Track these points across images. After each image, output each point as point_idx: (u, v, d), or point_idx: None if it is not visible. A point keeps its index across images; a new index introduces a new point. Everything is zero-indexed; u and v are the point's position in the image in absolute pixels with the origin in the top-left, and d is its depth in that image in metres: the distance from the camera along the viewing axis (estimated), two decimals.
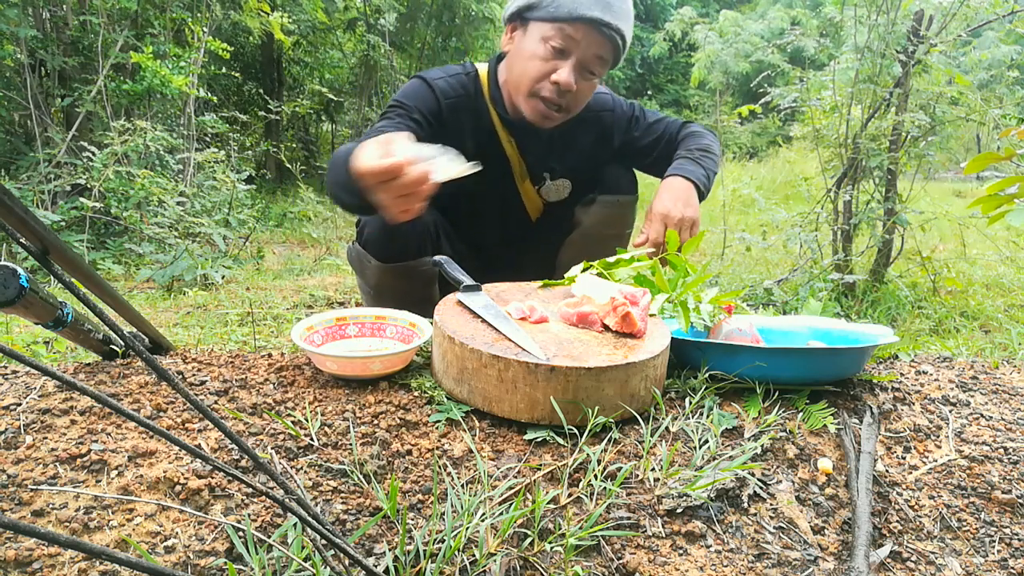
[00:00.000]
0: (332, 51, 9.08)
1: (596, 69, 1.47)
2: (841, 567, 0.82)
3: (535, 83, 1.46)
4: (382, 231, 1.53)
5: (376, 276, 1.59)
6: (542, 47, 1.44)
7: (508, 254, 1.79)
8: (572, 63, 1.43)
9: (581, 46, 1.42)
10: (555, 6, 1.41)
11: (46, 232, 0.72)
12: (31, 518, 0.73)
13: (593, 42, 1.42)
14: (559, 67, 1.43)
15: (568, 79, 1.43)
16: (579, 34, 1.41)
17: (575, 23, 1.40)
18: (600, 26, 1.40)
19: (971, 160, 1.25)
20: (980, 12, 2.94)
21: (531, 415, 0.92)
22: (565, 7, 1.39)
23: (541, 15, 1.43)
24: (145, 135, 4.33)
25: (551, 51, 1.43)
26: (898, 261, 3.24)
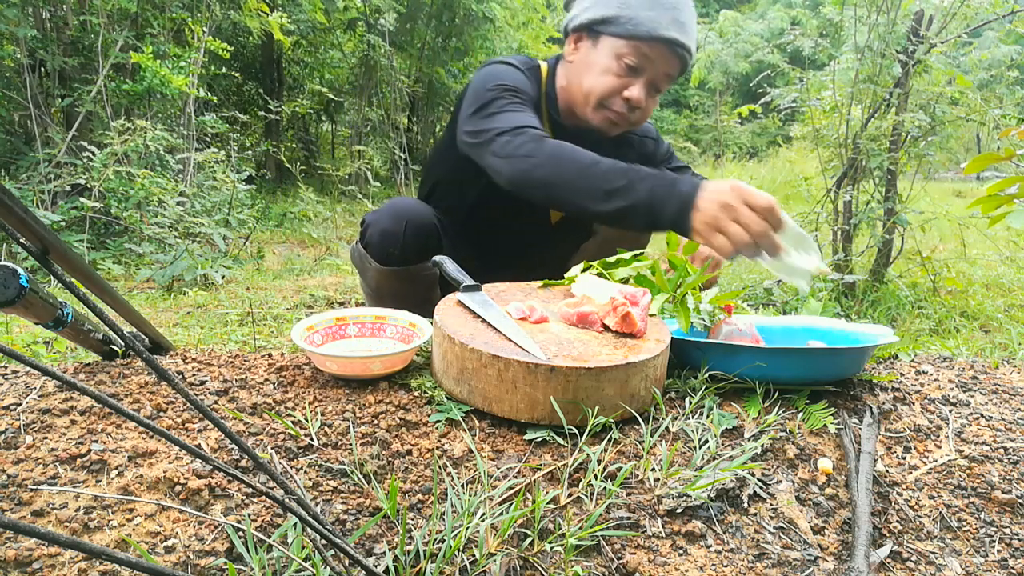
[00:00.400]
0: (332, 51, 9.09)
1: (663, 86, 1.48)
2: (841, 567, 0.82)
3: (606, 97, 1.46)
4: (384, 235, 1.52)
5: (376, 278, 1.58)
6: (616, 63, 1.43)
7: (521, 259, 1.79)
8: (644, 81, 1.44)
9: (655, 65, 1.42)
10: (633, 24, 1.40)
11: (46, 232, 0.73)
12: (31, 518, 0.73)
13: (666, 61, 1.43)
14: (631, 84, 1.44)
15: (640, 96, 1.44)
16: (654, 53, 1.41)
17: (652, 43, 1.39)
18: (675, 46, 1.40)
19: (971, 160, 1.25)
20: (980, 12, 2.94)
21: (531, 415, 0.92)
22: (644, 26, 1.39)
23: (617, 31, 1.42)
24: (145, 135, 4.33)
25: (624, 68, 1.43)
26: (898, 261, 3.25)
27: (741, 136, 14.04)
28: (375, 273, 1.57)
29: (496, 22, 9.43)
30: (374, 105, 9.12)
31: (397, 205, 1.55)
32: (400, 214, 1.52)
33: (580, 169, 1.24)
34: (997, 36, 4.26)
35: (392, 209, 1.54)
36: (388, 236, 1.51)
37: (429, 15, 9.32)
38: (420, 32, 9.45)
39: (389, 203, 1.58)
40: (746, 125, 13.66)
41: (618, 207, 1.19)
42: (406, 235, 1.50)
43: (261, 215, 5.62)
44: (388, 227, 1.51)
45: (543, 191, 1.29)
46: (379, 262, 1.54)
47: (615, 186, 1.20)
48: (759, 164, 10.39)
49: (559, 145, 1.28)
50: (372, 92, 9.12)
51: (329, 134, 10.97)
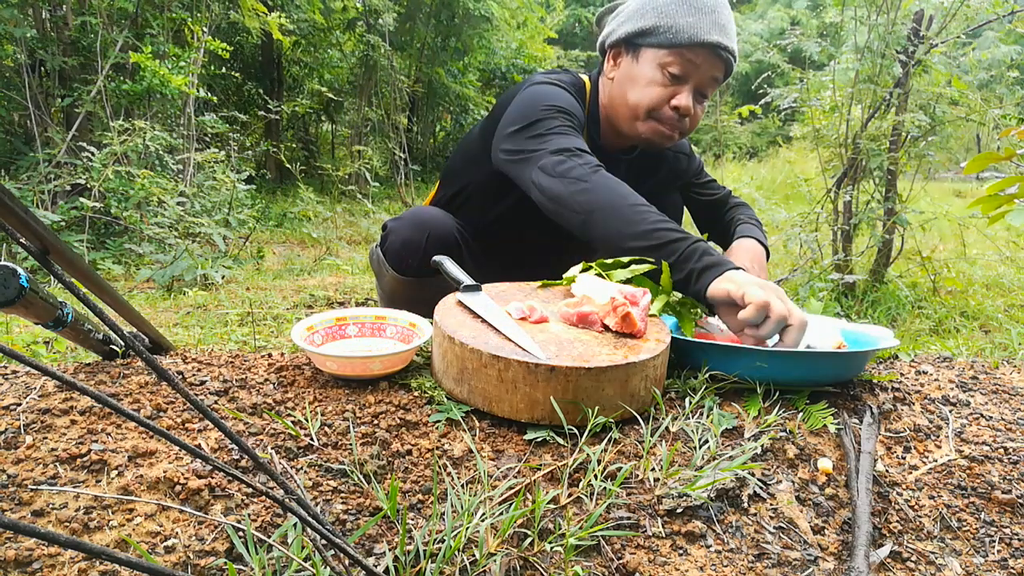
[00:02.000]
0: (332, 51, 9.09)
1: (709, 91, 1.47)
2: (841, 567, 0.82)
3: (657, 108, 1.45)
4: (405, 244, 1.51)
5: (392, 285, 1.57)
6: (660, 73, 1.42)
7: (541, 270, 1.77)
8: (690, 87, 1.43)
9: (700, 70, 1.41)
10: (673, 32, 1.39)
11: (46, 232, 0.73)
12: (31, 518, 0.73)
13: (711, 66, 1.42)
14: (678, 92, 1.43)
15: (688, 103, 1.43)
16: (699, 59, 1.40)
17: (695, 49, 1.38)
18: (719, 50, 1.39)
19: (971, 160, 1.25)
20: (980, 12, 2.94)
21: (531, 415, 0.92)
22: (685, 32, 1.38)
23: (657, 41, 1.41)
24: (144, 135, 4.33)
25: (669, 77, 1.42)
26: (898, 261, 3.25)
27: (741, 136, 14.04)
28: (391, 280, 1.56)
29: (494, 22, 9.44)
30: (374, 105, 9.13)
31: (421, 215, 1.54)
32: (423, 225, 1.50)
33: (624, 202, 1.25)
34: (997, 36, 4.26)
35: (415, 219, 1.53)
36: (409, 246, 1.50)
37: (428, 15, 9.33)
38: (419, 32, 9.46)
39: (412, 212, 1.56)
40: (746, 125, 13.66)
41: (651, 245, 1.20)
42: (427, 247, 1.48)
43: (261, 215, 5.63)
44: (409, 236, 1.50)
45: (583, 215, 1.28)
46: (396, 271, 1.53)
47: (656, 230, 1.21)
48: (759, 164, 10.39)
49: (610, 177, 1.30)
50: (372, 92, 9.12)
51: (329, 134, 10.97)
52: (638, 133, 1.50)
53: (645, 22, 1.42)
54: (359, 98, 9.19)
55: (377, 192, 7.60)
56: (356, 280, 3.70)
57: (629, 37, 1.46)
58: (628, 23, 1.46)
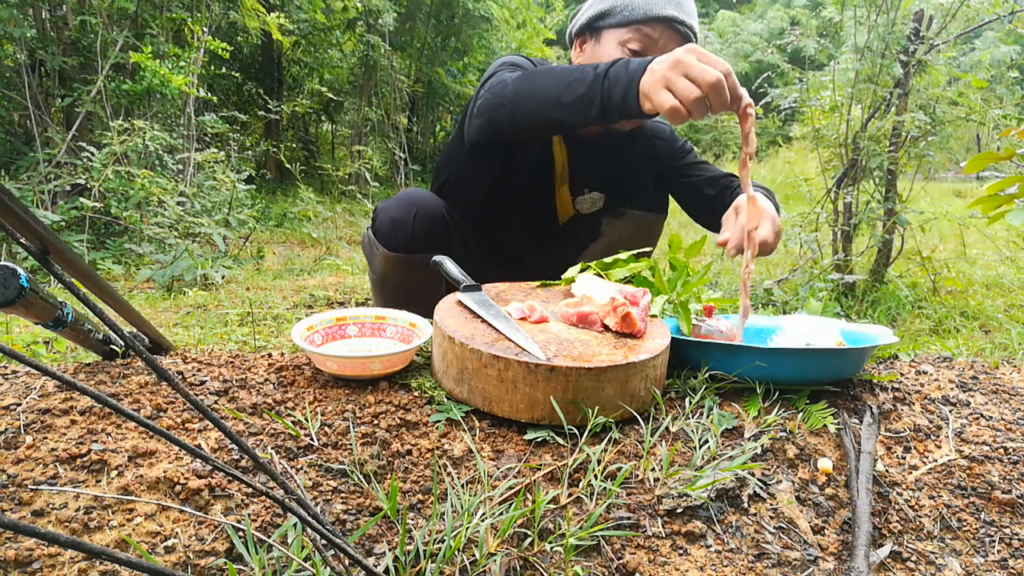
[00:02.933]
0: (332, 51, 9.09)
1: None
2: (841, 567, 0.82)
3: None
4: (393, 222, 1.55)
5: (383, 264, 1.60)
6: (620, 51, 1.45)
7: (527, 256, 1.80)
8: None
9: (659, 44, 1.44)
10: (629, 9, 1.43)
11: (46, 232, 0.72)
12: (31, 518, 0.73)
13: (670, 40, 1.44)
14: None
15: None
16: (656, 33, 1.42)
17: (652, 23, 1.42)
18: (675, 23, 1.42)
19: (971, 160, 1.25)
20: (980, 12, 2.94)
21: (531, 415, 0.92)
22: (640, 8, 1.41)
23: (615, 21, 1.45)
24: (144, 135, 4.33)
25: (630, 54, 1.44)
26: (898, 261, 3.25)
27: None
28: (382, 259, 1.59)
29: (494, 22, 9.44)
30: (374, 105, 9.13)
31: (409, 194, 1.59)
32: (410, 203, 1.55)
33: (554, 74, 1.25)
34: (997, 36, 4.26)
35: (403, 197, 1.58)
36: (397, 223, 1.54)
37: (428, 15, 9.33)
38: (419, 32, 9.46)
39: (401, 192, 1.62)
40: None
41: (578, 95, 1.18)
42: (415, 223, 1.53)
43: (261, 215, 5.62)
44: (397, 214, 1.54)
45: (509, 104, 1.30)
46: (386, 247, 1.56)
47: (574, 77, 1.19)
48: (759, 164, 10.39)
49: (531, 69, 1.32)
50: (372, 92, 9.12)
51: (329, 134, 10.97)
52: None
53: (604, 5, 1.47)
54: (359, 98, 9.19)
55: (377, 192, 7.60)
56: (356, 280, 3.70)
57: (590, 22, 1.51)
58: (590, 9, 1.51)
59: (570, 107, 1.21)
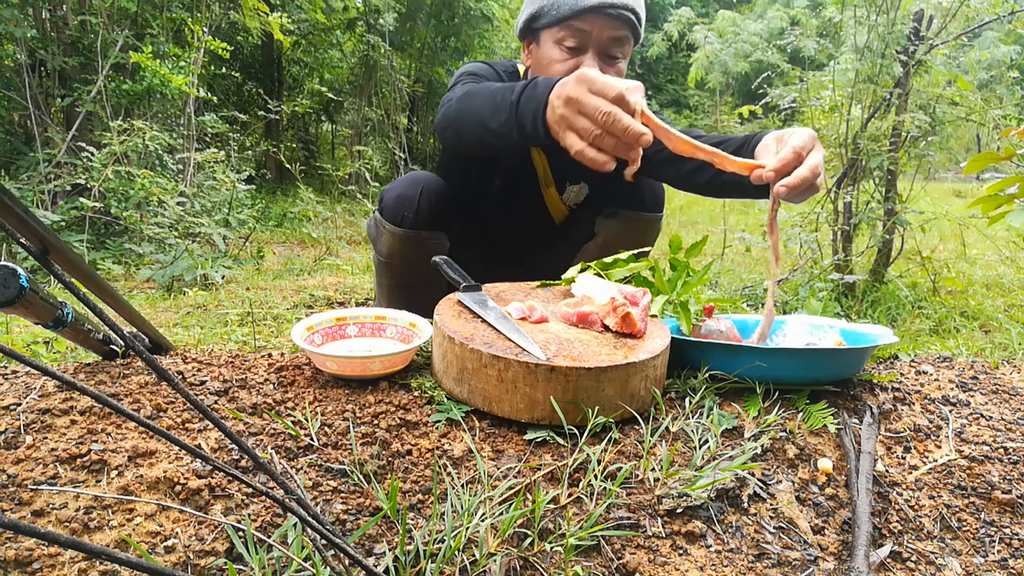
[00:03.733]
0: (332, 51, 9.09)
1: (617, 52, 1.46)
2: (841, 567, 0.82)
3: None
4: (399, 199, 1.57)
5: (389, 243, 1.61)
6: (558, 50, 1.45)
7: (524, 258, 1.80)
8: (591, 54, 1.44)
9: (594, 35, 1.42)
10: (557, 7, 1.42)
11: (46, 232, 0.73)
12: (31, 518, 0.73)
13: (605, 27, 1.42)
14: (580, 63, 1.44)
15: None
16: (588, 24, 1.41)
17: (581, 15, 1.40)
18: (606, 9, 1.40)
19: (971, 160, 1.25)
20: (980, 12, 2.94)
21: (531, 415, 0.92)
22: (567, 4, 1.41)
23: (547, 21, 1.44)
24: (144, 135, 4.33)
25: (567, 51, 1.44)
26: (898, 261, 3.25)
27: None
28: (388, 237, 1.60)
29: (494, 21, 9.44)
30: (374, 105, 9.13)
31: (414, 175, 1.63)
32: (416, 181, 1.59)
33: (484, 95, 1.21)
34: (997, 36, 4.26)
35: (409, 178, 1.62)
36: (403, 199, 1.56)
37: (428, 14, 9.33)
38: (419, 32, 9.46)
39: (407, 174, 1.66)
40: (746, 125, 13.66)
41: (500, 121, 1.13)
42: (420, 199, 1.55)
43: (261, 215, 5.62)
44: (403, 192, 1.57)
45: (454, 129, 1.29)
46: (393, 224, 1.58)
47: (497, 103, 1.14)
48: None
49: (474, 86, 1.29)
50: (372, 92, 9.12)
51: (329, 134, 10.97)
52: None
53: (534, 6, 1.47)
54: (359, 98, 9.19)
55: (377, 192, 7.59)
56: (356, 280, 3.69)
57: (527, 25, 1.51)
58: (524, 12, 1.51)
59: (497, 133, 1.17)
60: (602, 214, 1.71)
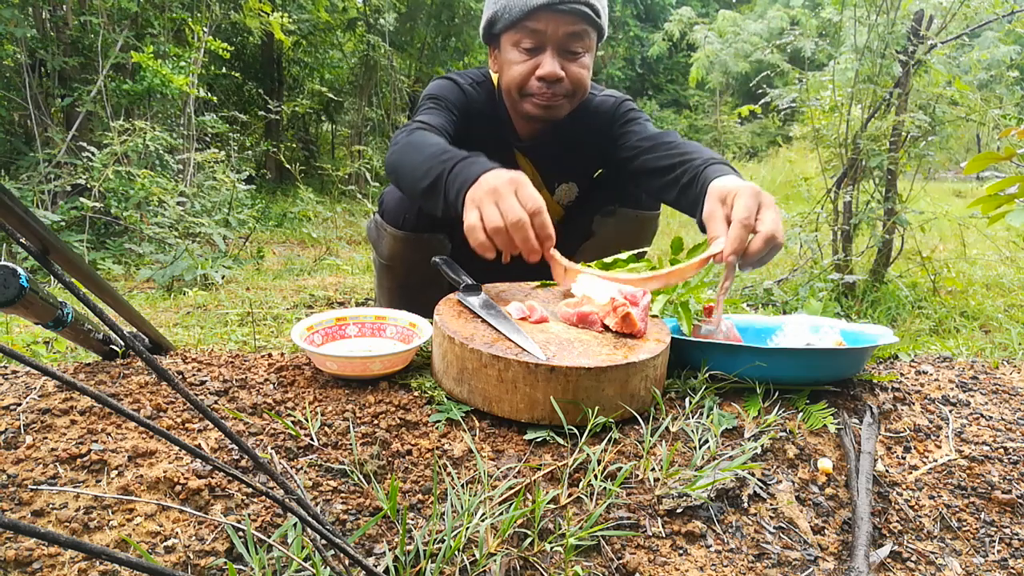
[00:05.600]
0: (332, 51, 9.09)
1: (577, 46, 1.45)
2: (841, 567, 0.82)
3: (522, 85, 1.48)
4: (400, 201, 1.57)
5: (391, 245, 1.61)
6: (517, 52, 1.46)
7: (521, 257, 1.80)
8: (549, 53, 1.44)
9: (549, 34, 1.42)
10: (508, 11, 1.42)
11: (46, 232, 0.73)
12: (31, 518, 0.73)
13: (559, 24, 1.41)
14: (539, 62, 1.44)
15: (551, 69, 1.43)
16: (541, 23, 1.41)
17: (533, 15, 1.40)
18: (557, 6, 1.38)
19: (971, 160, 1.25)
20: (980, 12, 2.94)
21: (531, 415, 0.92)
22: (517, 6, 1.41)
23: (503, 25, 1.45)
24: (145, 135, 4.33)
25: (526, 52, 1.45)
26: (898, 261, 3.24)
27: (741, 136, 14.03)
28: (389, 239, 1.60)
29: None
30: (374, 105, 9.12)
31: None
32: None
33: (415, 153, 1.27)
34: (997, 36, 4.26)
35: None
36: (403, 202, 1.56)
37: (429, 15, 9.32)
38: (420, 32, 9.46)
39: None
40: (746, 125, 13.66)
41: (430, 182, 1.20)
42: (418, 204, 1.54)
43: (261, 215, 5.62)
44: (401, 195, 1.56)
45: (394, 175, 1.34)
46: (393, 226, 1.58)
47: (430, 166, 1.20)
48: (759, 164, 10.39)
49: (422, 134, 1.33)
50: (372, 92, 9.12)
51: (329, 134, 10.97)
52: (527, 113, 1.53)
53: (489, 12, 1.48)
54: (359, 98, 9.19)
55: (377, 192, 7.60)
56: (356, 280, 3.69)
57: (486, 31, 1.52)
58: (483, 19, 1.52)
59: (424, 195, 1.22)
60: (600, 212, 1.71)
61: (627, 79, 19.53)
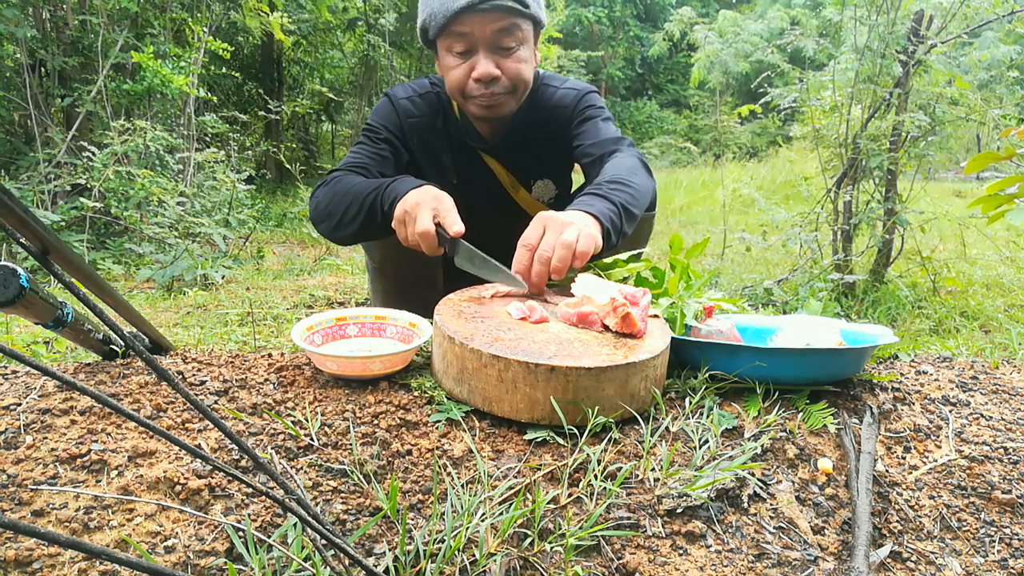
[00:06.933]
0: (332, 51, 9.09)
1: (508, 41, 1.44)
2: (841, 567, 0.82)
3: (462, 88, 1.48)
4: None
5: (380, 250, 1.60)
6: (451, 57, 1.46)
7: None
8: (482, 53, 1.43)
9: (476, 35, 1.42)
10: (433, 19, 1.42)
11: (46, 232, 0.72)
12: (31, 518, 0.73)
13: (485, 23, 1.40)
14: (473, 64, 1.44)
15: (485, 70, 1.43)
16: (467, 26, 1.40)
17: (457, 20, 1.40)
18: (477, 6, 1.36)
19: (971, 160, 1.25)
20: (980, 12, 2.94)
21: (531, 415, 0.92)
22: (439, 14, 1.40)
23: (433, 33, 1.45)
24: (145, 135, 4.33)
25: (459, 56, 1.45)
26: (898, 261, 3.25)
27: (741, 136, 14.04)
28: (379, 244, 1.60)
29: None
30: (374, 105, 9.12)
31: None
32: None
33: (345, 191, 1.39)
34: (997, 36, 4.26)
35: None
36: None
37: None
38: None
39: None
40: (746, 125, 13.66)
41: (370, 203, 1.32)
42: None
43: (261, 215, 5.62)
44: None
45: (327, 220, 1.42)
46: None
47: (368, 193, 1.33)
48: (759, 164, 10.39)
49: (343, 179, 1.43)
50: (372, 92, 9.12)
51: (329, 134, 10.97)
52: (474, 114, 1.54)
53: (419, 22, 1.49)
54: (359, 98, 9.20)
55: None
56: (356, 280, 3.69)
57: (423, 39, 1.53)
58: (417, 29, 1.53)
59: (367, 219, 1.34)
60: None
61: (627, 79, 19.54)
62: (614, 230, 1.24)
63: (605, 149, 1.52)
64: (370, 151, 1.55)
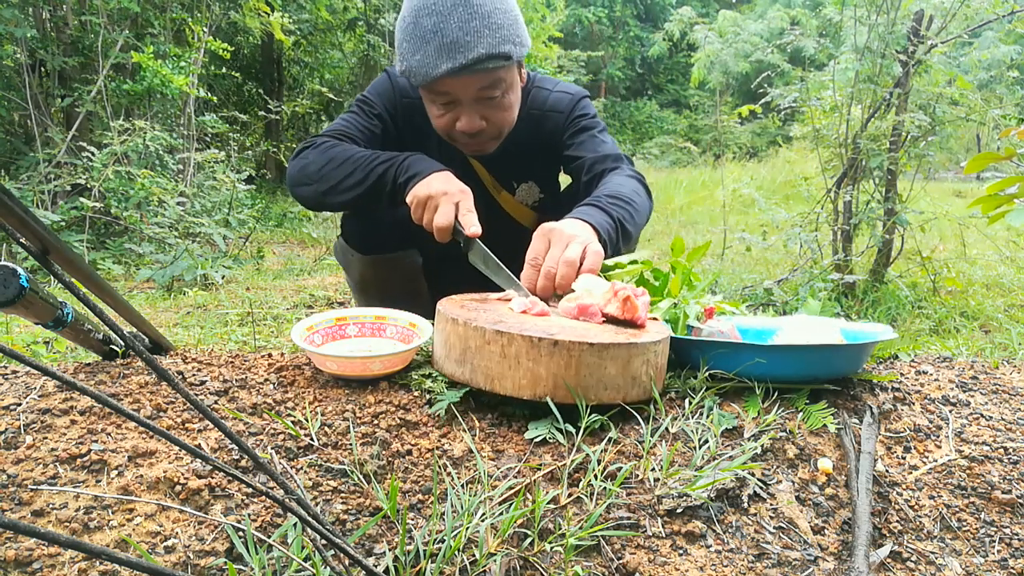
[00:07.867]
0: (332, 51, 9.09)
1: (493, 93, 1.39)
2: (841, 567, 0.82)
3: (448, 133, 1.46)
4: (362, 224, 1.54)
5: (359, 269, 1.59)
6: (435, 107, 1.42)
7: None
8: (464, 107, 1.39)
9: (459, 93, 1.37)
10: (413, 75, 1.35)
11: (46, 232, 0.72)
12: (31, 518, 0.73)
13: (466, 85, 1.35)
14: (456, 116, 1.41)
15: (468, 124, 1.40)
16: (447, 87, 1.35)
17: (438, 82, 1.34)
18: (458, 72, 1.30)
19: (971, 160, 1.25)
20: (980, 12, 2.94)
21: (533, 391, 0.92)
22: (419, 74, 1.33)
23: (415, 83, 1.39)
24: (145, 135, 4.33)
25: (443, 107, 1.41)
26: (898, 261, 3.25)
27: (741, 136, 14.04)
28: (358, 264, 1.58)
29: None
30: None
31: None
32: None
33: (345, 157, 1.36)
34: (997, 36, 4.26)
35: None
36: (365, 225, 1.55)
37: None
38: None
39: None
40: (746, 125, 13.67)
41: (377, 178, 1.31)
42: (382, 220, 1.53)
43: (261, 215, 5.62)
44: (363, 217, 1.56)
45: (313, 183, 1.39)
46: (360, 251, 1.56)
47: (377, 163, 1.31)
48: (759, 164, 10.39)
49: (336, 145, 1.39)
50: None
51: None
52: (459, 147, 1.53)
53: (400, 65, 1.40)
54: None
55: None
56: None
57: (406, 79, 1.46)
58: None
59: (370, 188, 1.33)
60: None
61: (627, 79, 19.53)
62: (609, 244, 1.24)
63: (606, 165, 1.50)
64: (361, 123, 1.50)
